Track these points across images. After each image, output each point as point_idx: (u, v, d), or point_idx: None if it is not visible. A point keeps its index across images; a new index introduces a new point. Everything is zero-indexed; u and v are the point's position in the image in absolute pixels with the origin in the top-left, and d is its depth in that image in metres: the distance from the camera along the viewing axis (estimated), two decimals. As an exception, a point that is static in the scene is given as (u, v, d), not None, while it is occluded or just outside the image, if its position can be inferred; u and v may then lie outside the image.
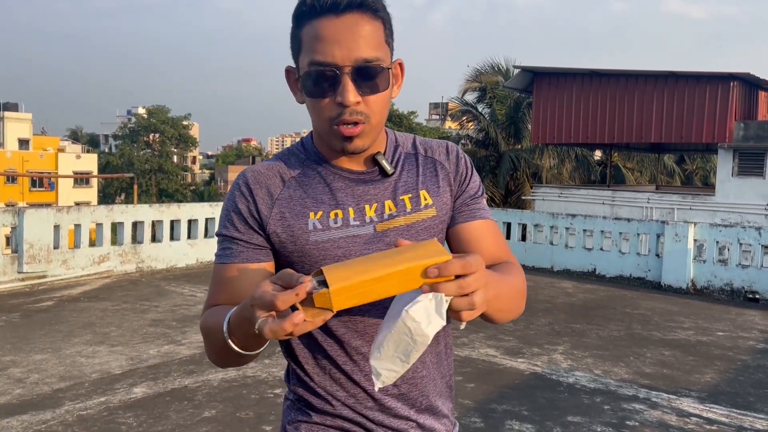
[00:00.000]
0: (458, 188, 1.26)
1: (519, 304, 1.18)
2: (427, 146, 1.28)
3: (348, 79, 1.09)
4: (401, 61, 1.20)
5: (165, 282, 8.09)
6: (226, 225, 1.20)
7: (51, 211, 8.03)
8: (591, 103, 17.87)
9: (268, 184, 1.19)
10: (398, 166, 1.24)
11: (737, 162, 15.74)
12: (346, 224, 1.18)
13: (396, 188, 1.22)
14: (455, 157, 1.28)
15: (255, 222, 1.18)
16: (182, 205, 9.45)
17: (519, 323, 6.55)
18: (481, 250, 1.21)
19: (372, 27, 1.11)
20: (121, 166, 53.62)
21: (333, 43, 1.08)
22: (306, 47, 1.11)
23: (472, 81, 24.73)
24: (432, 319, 0.92)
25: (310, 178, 1.20)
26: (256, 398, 4.23)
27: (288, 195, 1.19)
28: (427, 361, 1.23)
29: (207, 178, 71.91)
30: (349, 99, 1.09)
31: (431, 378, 1.25)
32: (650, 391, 4.68)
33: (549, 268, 9.83)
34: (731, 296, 8.36)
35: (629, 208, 16.63)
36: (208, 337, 1.14)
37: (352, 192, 1.19)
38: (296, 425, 1.23)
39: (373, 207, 1.19)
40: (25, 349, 5.20)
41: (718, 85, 15.96)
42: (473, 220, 1.26)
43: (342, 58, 1.08)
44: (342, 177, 1.20)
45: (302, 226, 1.17)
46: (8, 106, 52.99)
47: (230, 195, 1.22)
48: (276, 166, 1.22)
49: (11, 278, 7.53)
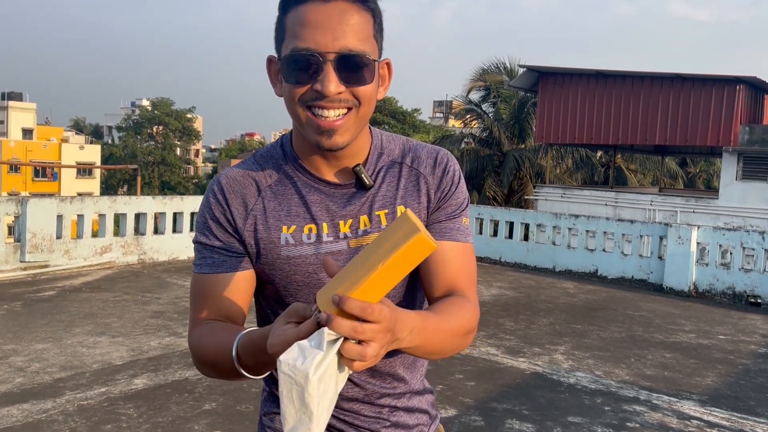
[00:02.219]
0: (436, 204, 1.19)
1: (455, 344, 1.10)
2: (415, 155, 1.21)
3: (330, 68, 1.02)
4: (389, 60, 1.14)
5: (167, 274, 8.10)
6: (205, 233, 1.17)
7: (54, 200, 8.04)
8: (596, 103, 17.84)
9: (243, 194, 1.16)
10: (378, 178, 1.18)
11: (741, 166, 15.71)
12: (319, 240, 1.15)
13: (373, 202, 1.16)
14: (441, 171, 1.20)
15: (232, 229, 1.16)
16: (185, 197, 9.45)
17: (520, 323, 6.54)
18: (439, 274, 1.16)
19: (361, 18, 1.05)
20: (124, 158, 53.68)
21: (317, 28, 1.02)
22: (289, 33, 1.05)
23: (476, 80, 24.71)
24: (308, 353, 0.85)
25: (285, 188, 1.16)
26: (256, 392, 4.23)
27: (262, 207, 1.15)
28: (397, 365, 1.23)
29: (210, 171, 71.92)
30: (330, 89, 1.02)
31: (401, 381, 1.25)
32: (651, 393, 4.67)
33: (551, 269, 9.82)
34: (733, 300, 8.35)
35: (632, 209, 16.61)
36: (207, 358, 1.12)
37: (327, 207, 1.15)
38: (271, 416, 1.27)
39: (348, 223, 1.15)
40: (27, 338, 5.20)
41: (724, 88, 15.92)
42: (441, 240, 1.17)
43: (326, 45, 1.02)
44: (318, 189, 1.15)
45: (274, 240, 1.15)
46: (13, 96, 53.08)
47: (206, 201, 1.18)
48: (251, 173, 1.17)
49: (13, 267, 7.54)
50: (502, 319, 6.65)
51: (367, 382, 1.22)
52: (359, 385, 1.21)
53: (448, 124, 46.49)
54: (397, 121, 42.10)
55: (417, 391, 1.28)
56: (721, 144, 16.03)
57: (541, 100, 18.96)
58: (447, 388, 4.48)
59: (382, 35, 1.12)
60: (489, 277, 8.96)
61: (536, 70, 18.89)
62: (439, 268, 1.17)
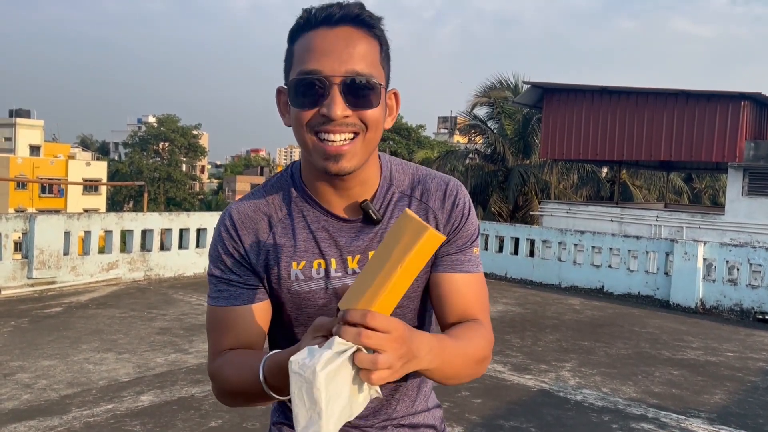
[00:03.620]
0: (447, 237, 1.19)
1: (471, 371, 1.11)
2: (424, 188, 1.21)
3: (337, 91, 1.03)
4: (396, 91, 1.14)
5: (173, 290, 8.11)
6: (220, 267, 1.18)
7: (62, 217, 8.08)
8: (601, 119, 17.88)
9: (256, 229, 1.17)
10: (387, 211, 1.18)
11: (747, 182, 15.68)
12: (327, 275, 1.17)
13: (381, 238, 1.16)
14: (450, 205, 1.20)
15: (247, 264, 1.18)
16: (191, 213, 9.49)
17: (526, 339, 6.52)
18: (452, 306, 1.18)
19: (367, 44, 1.06)
20: (130, 174, 53.97)
21: (324, 53, 1.03)
22: (297, 60, 1.06)
23: (480, 96, 24.80)
24: (317, 353, 0.87)
25: (296, 223, 1.17)
26: (262, 409, 4.22)
27: (273, 242, 1.17)
28: (406, 382, 1.25)
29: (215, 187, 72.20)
30: (336, 112, 1.02)
31: (410, 397, 1.27)
32: (659, 410, 4.64)
33: (557, 285, 9.79)
34: (741, 317, 8.30)
35: (637, 225, 16.57)
36: (231, 384, 1.13)
37: (335, 242, 1.17)
38: (279, 426, 1.30)
39: (356, 258, 1.17)
40: (34, 354, 5.21)
41: (728, 104, 15.94)
42: (453, 272, 1.19)
43: (332, 68, 1.03)
44: (327, 224, 1.17)
45: (285, 276, 1.17)
46: (21, 113, 53.55)
47: (218, 236, 1.19)
48: (263, 207, 1.18)
49: (21, 283, 7.57)
50: (509, 335, 6.63)
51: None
52: None
53: (453, 140, 46.60)
54: (402, 137, 42.23)
55: (425, 408, 1.30)
56: (727, 160, 16.02)
57: (545, 116, 19.02)
58: (453, 405, 4.46)
59: (389, 64, 1.12)
60: (495, 293, 8.93)
61: (541, 86, 18.98)
62: (453, 300, 1.19)
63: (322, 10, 1.06)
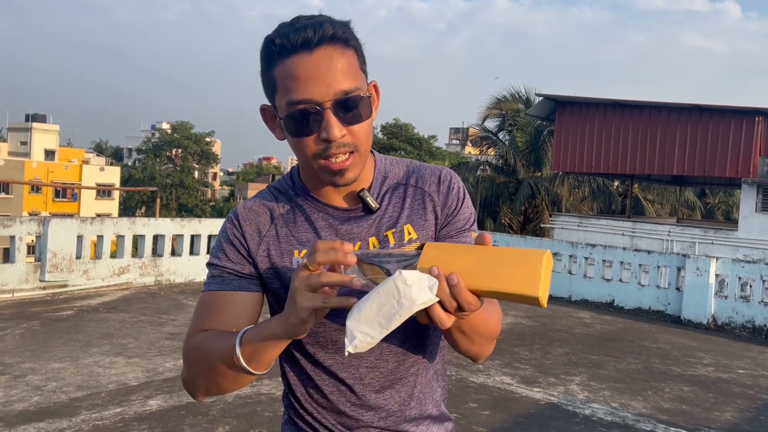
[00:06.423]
0: (444, 220, 1.24)
1: (487, 344, 1.20)
2: (418, 175, 1.26)
3: (330, 114, 1.08)
4: (375, 82, 1.19)
5: (183, 296, 8.15)
6: (218, 255, 1.22)
7: (75, 221, 8.16)
8: (613, 133, 17.83)
9: (257, 221, 1.22)
10: (384, 200, 1.23)
11: (761, 198, 15.56)
12: None
13: (380, 224, 1.21)
14: (446, 188, 1.25)
15: (245, 252, 1.21)
16: (203, 220, 9.55)
17: (535, 352, 6.48)
18: None
19: (346, 58, 1.09)
20: (142, 180, 54.33)
21: (310, 80, 1.07)
22: (282, 88, 1.10)
23: (492, 108, 24.84)
24: (423, 288, 0.92)
25: (296, 216, 1.22)
26: (269, 416, 4.22)
27: (275, 233, 1.21)
28: (415, 392, 1.25)
29: (227, 194, 72.50)
30: (335, 134, 1.08)
31: (420, 408, 1.26)
32: (669, 427, 4.59)
33: (567, 298, 9.74)
34: (753, 334, 8.21)
35: (649, 240, 16.48)
36: (203, 356, 1.15)
37: (335, 231, 1.20)
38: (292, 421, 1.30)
39: (357, 245, 1.19)
40: (44, 356, 5.25)
41: (742, 119, 15.86)
42: None
43: (321, 94, 1.07)
44: (326, 215, 1.21)
45: (286, 264, 1.20)
46: (36, 118, 54.16)
47: (223, 228, 1.24)
48: (266, 203, 1.25)
49: (33, 286, 7.64)
50: (517, 348, 6.60)
51: (382, 408, 1.23)
52: (374, 408, 1.22)
53: (465, 151, 46.61)
54: (413, 147, 42.29)
55: (434, 416, 1.29)
56: (740, 175, 15.92)
57: (558, 129, 19.00)
58: (461, 417, 4.45)
59: (365, 62, 1.16)
60: (504, 306, 8.83)
61: (553, 99, 18.97)
62: None
63: (296, 34, 1.07)
